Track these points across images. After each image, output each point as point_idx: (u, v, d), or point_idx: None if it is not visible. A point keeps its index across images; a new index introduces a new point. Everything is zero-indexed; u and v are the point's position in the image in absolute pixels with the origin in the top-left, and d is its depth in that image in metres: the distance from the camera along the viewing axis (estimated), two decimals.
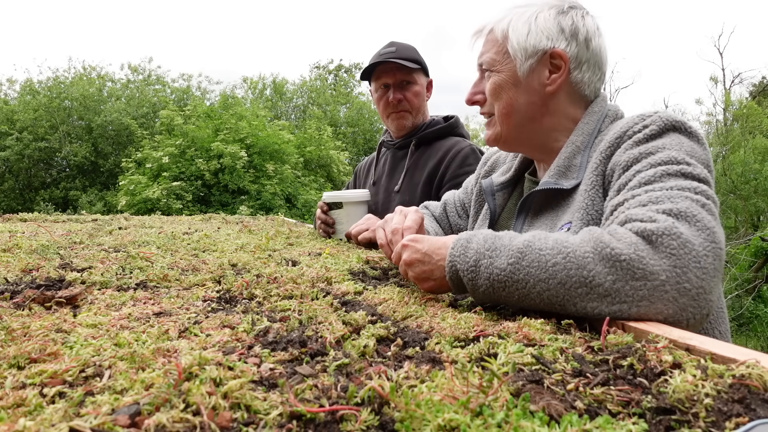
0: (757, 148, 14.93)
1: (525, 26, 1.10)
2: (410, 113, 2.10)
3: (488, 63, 1.14)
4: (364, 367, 0.55)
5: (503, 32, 1.12)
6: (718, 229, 0.76)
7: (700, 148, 0.91)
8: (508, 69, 1.11)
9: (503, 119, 1.15)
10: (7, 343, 0.59)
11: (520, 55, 1.10)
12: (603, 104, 1.14)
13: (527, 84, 1.11)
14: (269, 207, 13.28)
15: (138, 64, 23.13)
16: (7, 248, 1.33)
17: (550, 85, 1.11)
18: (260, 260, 1.27)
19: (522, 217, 1.18)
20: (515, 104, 1.13)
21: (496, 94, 1.14)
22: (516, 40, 1.09)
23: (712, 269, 0.72)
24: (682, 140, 0.91)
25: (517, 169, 1.30)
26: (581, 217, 0.98)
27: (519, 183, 1.31)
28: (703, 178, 0.84)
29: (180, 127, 14.43)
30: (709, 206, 0.79)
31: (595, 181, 0.99)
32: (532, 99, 1.12)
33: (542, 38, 1.09)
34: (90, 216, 2.89)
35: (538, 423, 0.40)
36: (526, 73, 1.10)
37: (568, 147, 1.10)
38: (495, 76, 1.13)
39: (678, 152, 0.88)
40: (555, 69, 1.10)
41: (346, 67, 27.46)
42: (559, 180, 1.08)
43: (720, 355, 0.56)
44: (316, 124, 17.85)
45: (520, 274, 0.77)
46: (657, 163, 0.88)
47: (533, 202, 1.16)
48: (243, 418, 0.42)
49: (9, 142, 18.66)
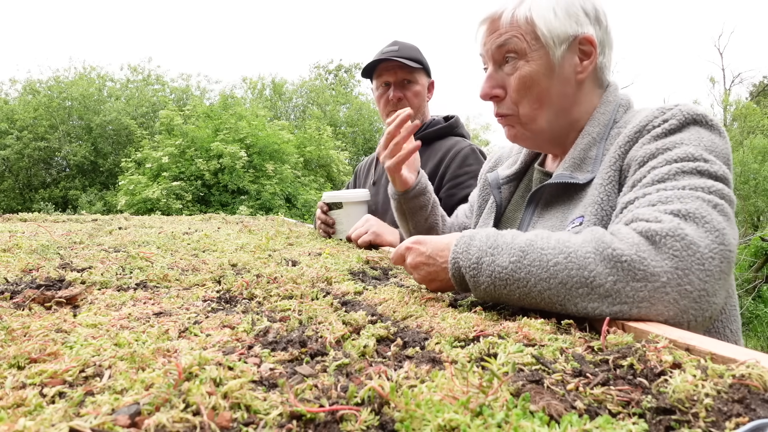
0: (756, 148, 14.95)
1: (549, 10, 1.01)
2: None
3: (517, 50, 1.03)
4: (364, 367, 0.55)
5: (527, 17, 1.02)
6: (729, 231, 0.75)
7: (721, 141, 0.88)
8: (540, 57, 1.03)
9: (533, 114, 1.06)
10: (7, 343, 0.59)
11: (553, 41, 1.01)
12: (616, 93, 1.09)
13: (560, 72, 1.04)
14: (269, 207, 13.28)
15: (137, 64, 23.20)
16: (7, 248, 1.33)
17: (581, 73, 1.05)
18: (260, 260, 1.27)
19: (531, 209, 1.13)
20: (549, 95, 1.05)
21: (528, 86, 1.04)
22: (545, 25, 1.01)
23: (718, 272, 0.71)
24: (702, 134, 0.88)
25: (524, 161, 1.26)
26: (595, 212, 0.95)
27: (525, 175, 1.27)
28: (720, 175, 0.81)
29: (180, 127, 14.43)
30: (721, 206, 0.77)
31: (612, 176, 0.96)
32: (565, 89, 1.05)
33: (571, 22, 1.02)
34: (90, 216, 2.89)
35: (538, 423, 0.40)
36: (560, 60, 1.03)
37: (584, 138, 1.05)
38: (525, 66, 1.03)
39: (696, 148, 0.85)
40: (584, 55, 1.05)
41: (346, 67, 27.46)
42: (574, 173, 1.03)
43: (720, 355, 0.56)
44: (315, 124, 17.84)
45: (522, 273, 0.77)
46: (673, 159, 0.85)
47: (544, 194, 1.12)
48: (243, 418, 0.42)
49: (9, 141, 18.66)
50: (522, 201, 1.22)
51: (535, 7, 1.02)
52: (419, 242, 0.94)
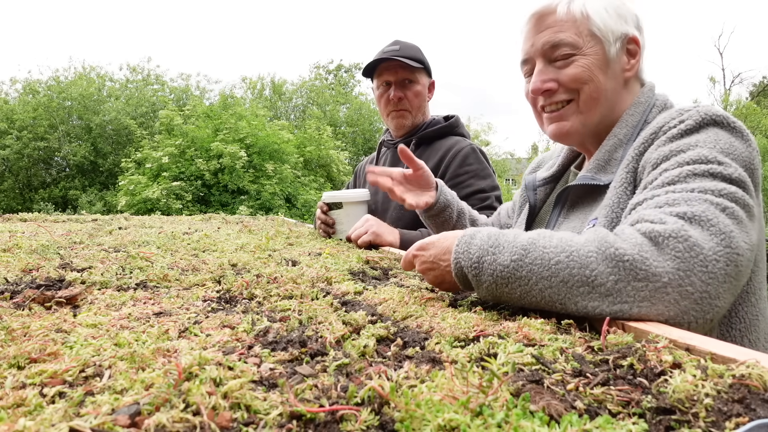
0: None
1: (602, 8, 1.03)
2: (410, 112, 2.10)
3: (570, 45, 1.04)
4: (364, 367, 0.55)
5: (582, 12, 1.03)
6: (738, 234, 0.74)
7: (742, 144, 0.86)
8: (596, 51, 1.04)
9: (590, 105, 1.07)
10: (7, 343, 0.59)
11: (608, 37, 1.03)
12: (650, 94, 1.09)
13: (613, 69, 1.05)
14: (269, 207, 13.29)
15: (137, 64, 23.24)
16: (7, 248, 1.33)
17: (629, 71, 1.07)
18: (260, 260, 1.27)
19: (557, 211, 1.14)
20: (604, 89, 1.05)
21: (585, 79, 1.04)
22: (601, 20, 1.03)
23: (722, 275, 0.71)
24: (720, 136, 0.86)
25: (562, 164, 1.26)
26: (606, 214, 0.95)
27: (562, 177, 1.27)
28: (735, 178, 0.80)
29: (179, 127, 14.45)
30: (731, 210, 0.76)
31: (626, 178, 0.96)
32: (617, 86, 1.07)
33: (621, 22, 1.04)
34: (90, 216, 2.89)
35: (538, 423, 0.40)
36: (614, 56, 1.04)
37: (610, 140, 1.06)
38: (582, 59, 1.04)
39: (710, 150, 0.84)
40: (630, 55, 1.07)
41: (346, 67, 27.47)
42: (597, 174, 1.04)
43: (720, 355, 0.56)
44: (315, 123, 17.85)
45: (523, 271, 0.77)
46: (685, 162, 0.84)
47: (569, 195, 1.13)
48: (243, 418, 0.42)
49: (8, 141, 18.67)
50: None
51: (589, 3, 1.04)
52: (423, 248, 0.95)
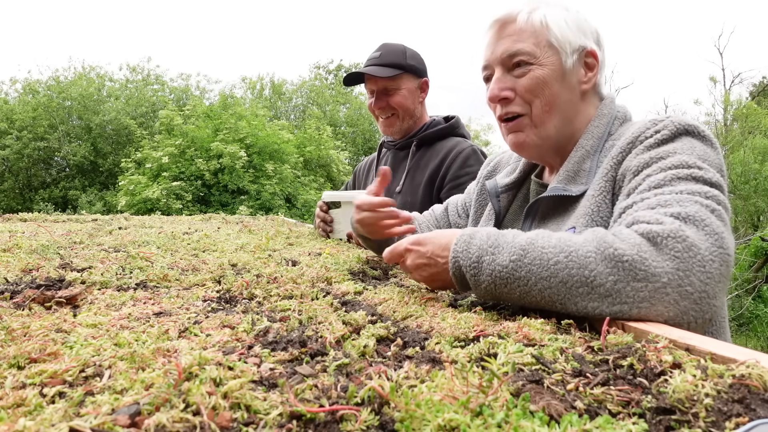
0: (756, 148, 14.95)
1: (561, 20, 1.05)
2: (397, 117, 2.10)
3: (528, 54, 1.05)
4: (364, 367, 0.55)
5: (542, 22, 1.04)
6: (727, 235, 0.75)
7: (713, 153, 0.90)
8: (552, 62, 1.05)
9: (544, 117, 1.07)
10: (7, 343, 0.59)
11: (565, 48, 1.04)
12: (612, 106, 1.11)
13: (569, 80, 1.06)
14: (269, 207, 13.29)
15: (137, 64, 23.23)
16: (7, 248, 1.33)
17: (585, 83, 1.08)
18: (260, 260, 1.27)
19: (529, 222, 1.15)
20: (558, 101, 1.06)
21: (538, 89, 1.05)
22: (559, 32, 1.04)
23: (718, 274, 0.72)
24: (695, 144, 0.90)
25: (523, 170, 1.27)
26: (585, 223, 0.96)
27: (524, 184, 1.28)
28: (715, 182, 0.83)
29: (179, 127, 14.45)
30: (719, 212, 0.78)
31: (604, 187, 0.97)
32: (572, 97, 1.08)
33: (580, 34, 1.06)
34: (90, 216, 2.89)
35: (538, 423, 0.40)
36: (570, 68, 1.06)
37: (578, 151, 1.07)
38: (538, 69, 1.04)
39: (690, 156, 0.86)
40: (588, 68, 1.08)
41: (346, 67, 27.44)
42: (568, 186, 1.05)
43: (720, 355, 0.56)
44: (315, 123, 17.85)
45: (522, 272, 0.77)
46: (668, 167, 0.86)
47: (540, 207, 1.13)
48: (243, 418, 0.42)
49: (8, 141, 18.66)
50: (520, 211, 1.23)
51: (549, 15, 1.05)
52: (419, 243, 0.94)
